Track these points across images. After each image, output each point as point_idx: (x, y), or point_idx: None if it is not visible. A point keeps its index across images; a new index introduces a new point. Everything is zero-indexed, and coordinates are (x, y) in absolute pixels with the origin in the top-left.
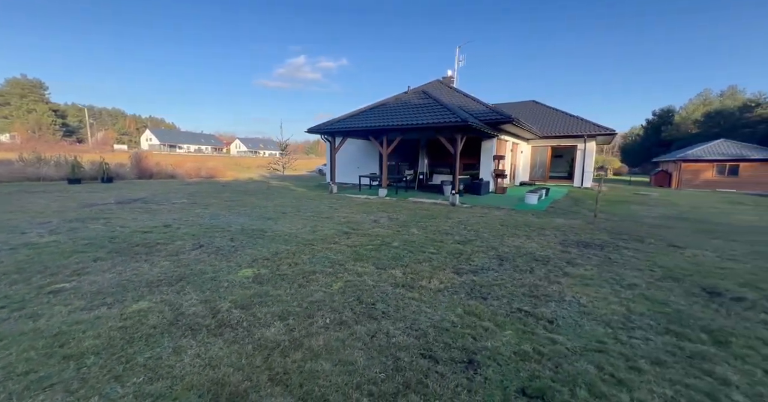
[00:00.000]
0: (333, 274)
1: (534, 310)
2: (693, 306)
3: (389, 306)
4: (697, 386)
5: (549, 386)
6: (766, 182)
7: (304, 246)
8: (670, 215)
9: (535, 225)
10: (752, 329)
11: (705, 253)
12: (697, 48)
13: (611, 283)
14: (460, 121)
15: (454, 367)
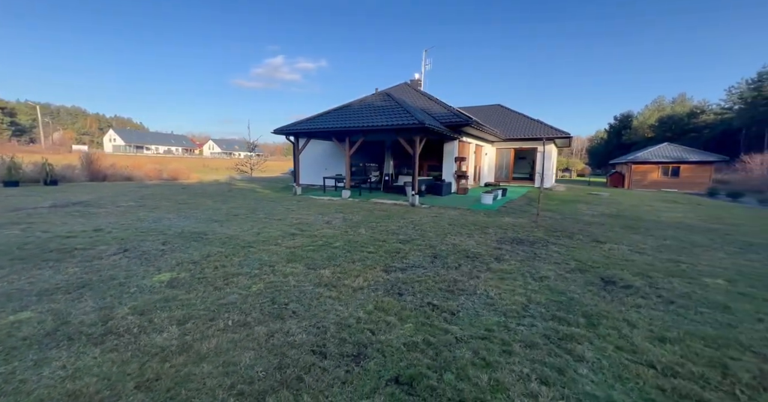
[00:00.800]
0: (257, 276)
1: (442, 304)
2: (586, 294)
3: (302, 305)
4: (553, 363)
5: (421, 373)
6: (702, 182)
7: (241, 248)
8: (609, 213)
9: (481, 224)
10: (624, 312)
11: (620, 247)
12: (649, 55)
13: (525, 276)
14: (418, 123)
15: (340, 361)
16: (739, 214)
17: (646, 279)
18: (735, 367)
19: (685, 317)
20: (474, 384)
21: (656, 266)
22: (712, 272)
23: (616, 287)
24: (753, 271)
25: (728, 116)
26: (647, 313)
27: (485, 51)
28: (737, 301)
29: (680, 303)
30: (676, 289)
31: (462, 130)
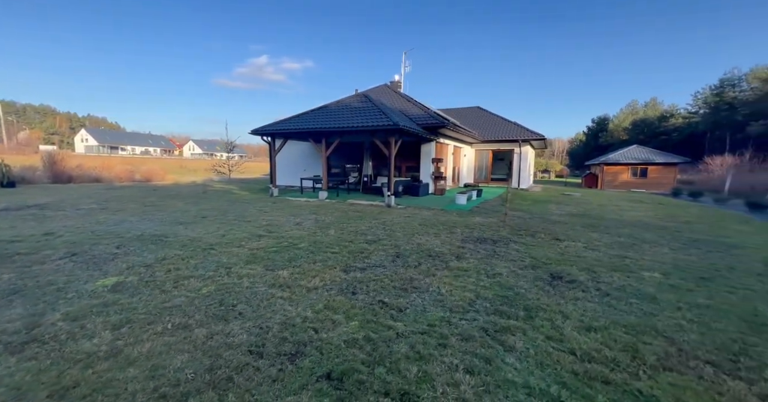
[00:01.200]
0: (211, 278)
1: (393, 301)
2: (532, 289)
3: (251, 306)
4: (484, 354)
5: (354, 368)
6: (667, 183)
7: (201, 251)
8: (575, 213)
9: (451, 224)
10: (562, 305)
11: (576, 245)
12: (625, 59)
13: (480, 273)
14: (392, 124)
15: (276, 360)
16: (694, 212)
17: (591, 274)
18: (644, 351)
19: (615, 308)
20: (403, 376)
21: (603, 262)
22: (651, 266)
23: (561, 282)
24: (688, 265)
25: (695, 120)
26: (583, 305)
27: (469, 52)
28: (665, 292)
29: (615, 295)
30: (614, 282)
31: (439, 131)
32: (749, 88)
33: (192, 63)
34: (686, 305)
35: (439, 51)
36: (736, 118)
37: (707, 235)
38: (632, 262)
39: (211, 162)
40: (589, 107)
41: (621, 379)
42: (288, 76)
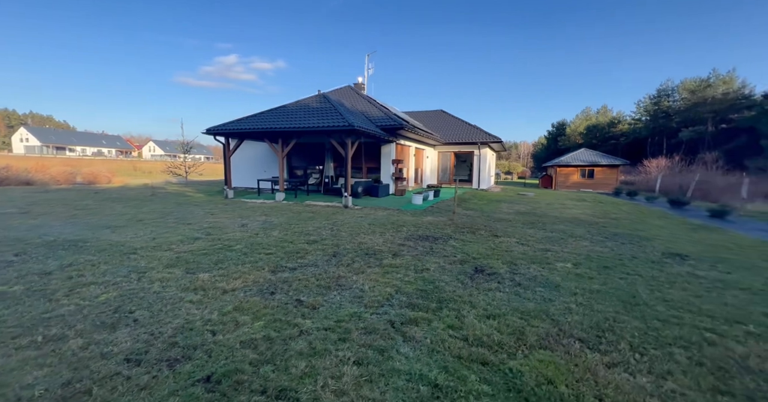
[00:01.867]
0: (116, 284)
1: (310, 300)
2: (453, 282)
3: (151, 312)
4: (381, 346)
5: (238, 369)
6: (611, 183)
7: (119, 256)
8: (522, 211)
9: (401, 223)
10: (473, 296)
11: (510, 240)
12: (582, 66)
13: (409, 269)
14: (347, 125)
15: (153, 366)
16: (625, 209)
17: (511, 267)
18: (529, 333)
19: (521, 296)
20: (288, 373)
21: (528, 255)
22: (567, 258)
23: (482, 275)
24: (599, 256)
25: (638, 126)
26: (493, 295)
27: (441, 55)
28: (569, 280)
29: (525, 285)
30: (529, 273)
31: (398, 133)
32: (680, 98)
33: (153, 60)
34: (581, 291)
35: (411, 54)
36: (671, 125)
37: (627, 229)
38: (552, 255)
39: (172, 164)
40: (552, 112)
41: (498, 360)
42: (259, 75)
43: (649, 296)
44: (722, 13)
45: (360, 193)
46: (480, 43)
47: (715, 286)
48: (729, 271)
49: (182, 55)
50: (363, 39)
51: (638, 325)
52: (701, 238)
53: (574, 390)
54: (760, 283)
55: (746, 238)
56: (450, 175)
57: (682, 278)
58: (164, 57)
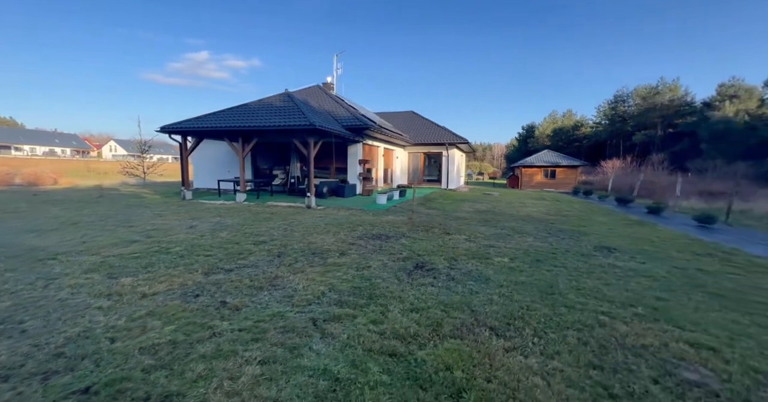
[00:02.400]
0: (15, 292)
1: (235, 301)
2: (389, 279)
3: (47, 321)
4: (293, 344)
5: (126, 377)
6: (571, 183)
7: (32, 262)
8: (482, 210)
9: (359, 222)
10: (404, 291)
11: (460, 237)
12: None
13: (351, 267)
14: (308, 124)
15: (23, 382)
16: (577, 207)
17: (452, 262)
18: (446, 324)
19: (450, 290)
20: (182, 377)
21: (471, 251)
22: (507, 253)
23: (421, 271)
24: (536, 250)
25: (599, 129)
26: (424, 289)
27: (418, 56)
28: (500, 273)
29: (458, 279)
30: (466, 268)
31: (366, 133)
32: (634, 103)
33: (118, 55)
34: (508, 283)
35: (389, 55)
36: (627, 128)
37: (572, 226)
38: (494, 251)
39: (129, 164)
40: (525, 114)
41: (407, 351)
42: (232, 74)
43: (565, 286)
44: (673, 25)
45: (325, 194)
46: (455, 45)
47: (626, 274)
48: (644, 261)
49: (149, 50)
50: (340, 39)
51: (546, 312)
52: (633, 232)
53: (468, 374)
54: (664, 271)
55: (671, 232)
56: (421, 175)
57: (601, 269)
58: (130, 52)
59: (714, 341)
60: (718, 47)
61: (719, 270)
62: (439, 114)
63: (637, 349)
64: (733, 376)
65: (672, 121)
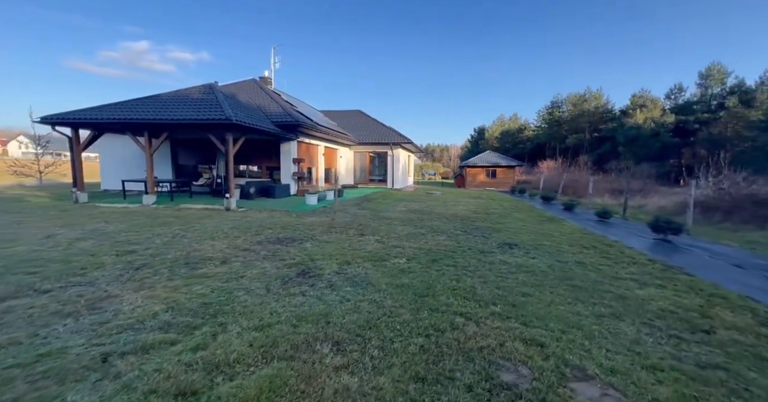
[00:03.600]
0: None
1: (16, 334)
2: (258, 290)
3: None
4: (37, 396)
5: None
6: (509, 182)
7: None
8: (414, 209)
9: (271, 225)
10: (266, 304)
11: (372, 239)
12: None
13: (220, 278)
14: (224, 118)
15: None
16: (506, 205)
17: (343, 267)
18: (284, 342)
19: (320, 299)
20: None
21: (373, 253)
22: (408, 253)
23: (302, 278)
24: (439, 249)
25: (540, 132)
26: (290, 301)
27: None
28: (387, 276)
29: (337, 285)
30: (354, 273)
31: (303, 131)
32: (567, 109)
33: (32, 40)
34: (388, 287)
35: (341, 55)
36: (562, 132)
37: (490, 223)
38: (397, 251)
39: (18, 162)
40: (480, 116)
41: (207, 385)
42: (178, 66)
43: (443, 287)
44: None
45: (252, 194)
46: (407, 49)
47: (510, 271)
48: (536, 256)
49: (74, 35)
50: (297, 35)
51: (406, 318)
52: (541, 228)
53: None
54: (546, 265)
55: (573, 227)
56: (367, 175)
57: (489, 266)
58: (50, 37)
59: (547, 336)
60: (632, 61)
61: (594, 262)
62: (397, 115)
63: (472, 353)
64: (544, 373)
65: (597, 126)
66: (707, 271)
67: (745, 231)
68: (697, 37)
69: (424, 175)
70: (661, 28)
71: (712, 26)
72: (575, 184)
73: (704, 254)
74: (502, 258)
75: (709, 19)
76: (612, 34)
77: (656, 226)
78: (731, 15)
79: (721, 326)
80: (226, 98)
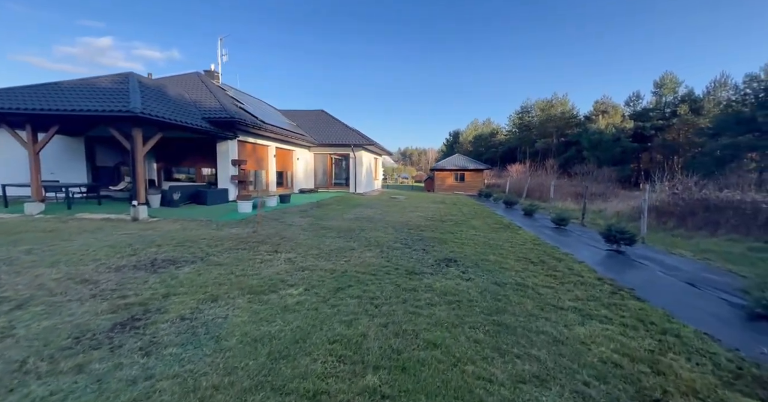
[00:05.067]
0: None
1: None
2: (44, 352)
3: None
4: None
5: None
6: (477, 186)
7: None
8: (363, 217)
9: (166, 241)
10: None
11: (281, 258)
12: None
13: None
14: (125, 111)
15: None
16: (465, 211)
17: (203, 306)
18: None
19: (101, 381)
20: None
21: (265, 281)
22: (312, 279)
23: (119, 332)
24: (356, 271)
25: (511, 137)
26: (58, 383)
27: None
28: (255, 321)
29: (163, 342)
30: (210, 317)
31: (246, 129)
32: (536, 114)
33: None
34: (240, 343)
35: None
36: (531, 136)
37: (440, 232)
38: (301, 277)
39: None
40: (456, 120)
41: None
42: (145, 64)
43: (322, 336)
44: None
45: (177, 201)
46: (388, 52)
47: (430, 302)
48: (473, 276)
49: (23, 27)
50: (273, 35)
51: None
52: (493, 238)
53: None
54: (478, 291)
55: (527, 235)
56: (328, 179)
57: (408, 295)
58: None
59: None
60: (597, 66)
61: (537, 283)
62: (373, 118)
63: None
64: None
65: (564, 131)
66: (660, 292)
67: (699, 237)
68: (653, 47)
69: (398, 178)
70: (622, 36)
71: (666, 35)
72: (541, 187)
73: (657, 268)
74: (429, 282)
75: (665, 28)
76: (580, 38)
77: (609, 236)
78: (683, 26)
79: (677, 391)
80: (145, 89)
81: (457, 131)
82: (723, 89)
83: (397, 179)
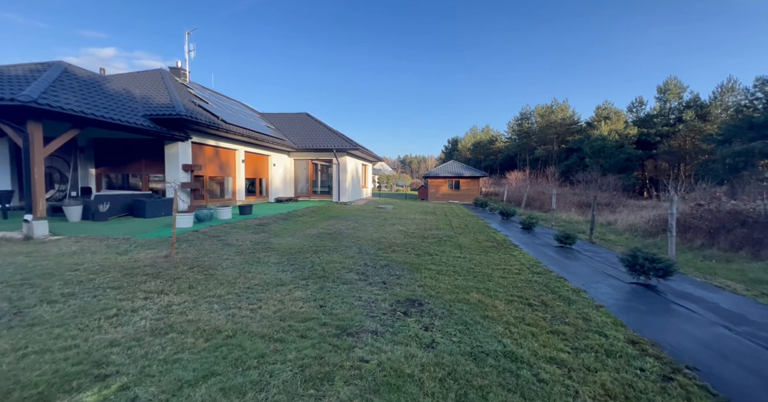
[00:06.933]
0: None
1: None
2: None
3: None
4: None
5: None
6: (473, 194)
7: None
8: (330, 232)
9: (32, 273)
10: None
11: (161, 303)
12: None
13: None
14: (8, 99)
15: None
16: (456, 224)
17: None
18: None
19: None
20: None
21: (84, 359)
22: (156, 360)
23: None
24: (258, 332)
25: (510, 144)
26: None
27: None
28: None
29: None
30: None
31: (203, 130)
32: (535, 121)
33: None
34: None
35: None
36: (531, 143)
37: (414, 254)
38: (136, 357)
39: None
40: (455, 128)
41: None
42: None
43: None
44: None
45: (105, 213)
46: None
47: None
48: (437, 338)
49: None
50: (273, 43)
51: None
52: (480, 263)
53: None
54: (440, 374)
55: (524, 258)
56: (310, 187)
57: (316, 389)
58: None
59: None
60: (596, 73)
61: (535, 349)
62: (372, 125)
63: None
64: None
65: (565, 138)
66: (725, 363)
67: (738, 259)
68: (655, 52)
69: (393, 186)
70: (623, 40)
71: (669, 40)
72: (541, 196)
73: (711, 317)
74: (363, 354)
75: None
76: (580, 42)
77: (634, 265)
78: (687, 32)
79: None
80: (68, 80)
81: (455, 139)
82: (731, 94)
83: (392, 187)
